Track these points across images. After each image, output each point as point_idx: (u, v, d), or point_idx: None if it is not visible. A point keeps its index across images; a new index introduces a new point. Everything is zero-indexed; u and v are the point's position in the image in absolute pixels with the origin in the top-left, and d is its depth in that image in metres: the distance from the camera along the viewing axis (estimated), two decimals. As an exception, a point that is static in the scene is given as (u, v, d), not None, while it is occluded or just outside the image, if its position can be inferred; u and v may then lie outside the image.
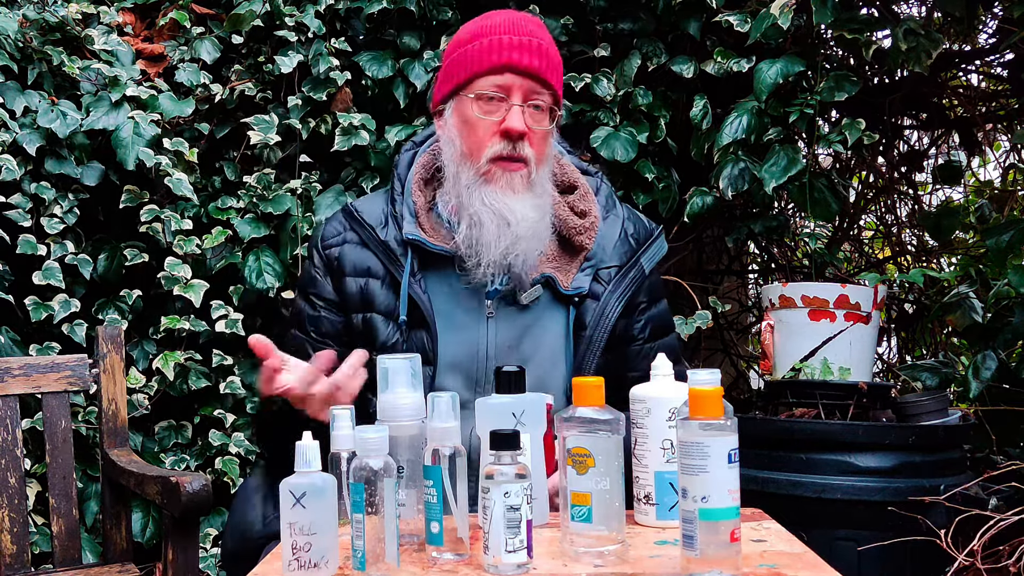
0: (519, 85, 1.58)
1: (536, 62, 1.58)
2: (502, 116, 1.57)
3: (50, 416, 2.13)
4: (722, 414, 1.08)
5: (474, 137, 1.59)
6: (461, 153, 1.61)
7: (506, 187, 1.57)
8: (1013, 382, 2.45)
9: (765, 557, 1.16)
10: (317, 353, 1.43)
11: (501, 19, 1.63)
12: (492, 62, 1.58)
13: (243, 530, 1.58)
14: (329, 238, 1.70)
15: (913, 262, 3.44)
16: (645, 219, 1.77)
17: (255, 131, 2.56)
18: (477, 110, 1.59)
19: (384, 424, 1.20)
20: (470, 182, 1.59)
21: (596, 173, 1.77)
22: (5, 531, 2.04)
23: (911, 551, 2.01)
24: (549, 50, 1.62)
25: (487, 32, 1.61)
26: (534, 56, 1.58)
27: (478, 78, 1.59)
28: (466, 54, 1.62)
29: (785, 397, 2.33)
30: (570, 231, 1.64)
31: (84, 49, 2.54)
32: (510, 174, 1.57)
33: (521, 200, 1.57)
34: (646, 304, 1.71)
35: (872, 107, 2.98)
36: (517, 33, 1.59)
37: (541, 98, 1.60)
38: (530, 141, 1.58)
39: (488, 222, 1.56)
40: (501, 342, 1.60)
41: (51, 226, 2.42)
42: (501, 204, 1.56)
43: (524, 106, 1.58)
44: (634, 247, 1.69)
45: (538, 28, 1.64)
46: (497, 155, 1.58)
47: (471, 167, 1.59)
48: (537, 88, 1.59)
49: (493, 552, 1.10)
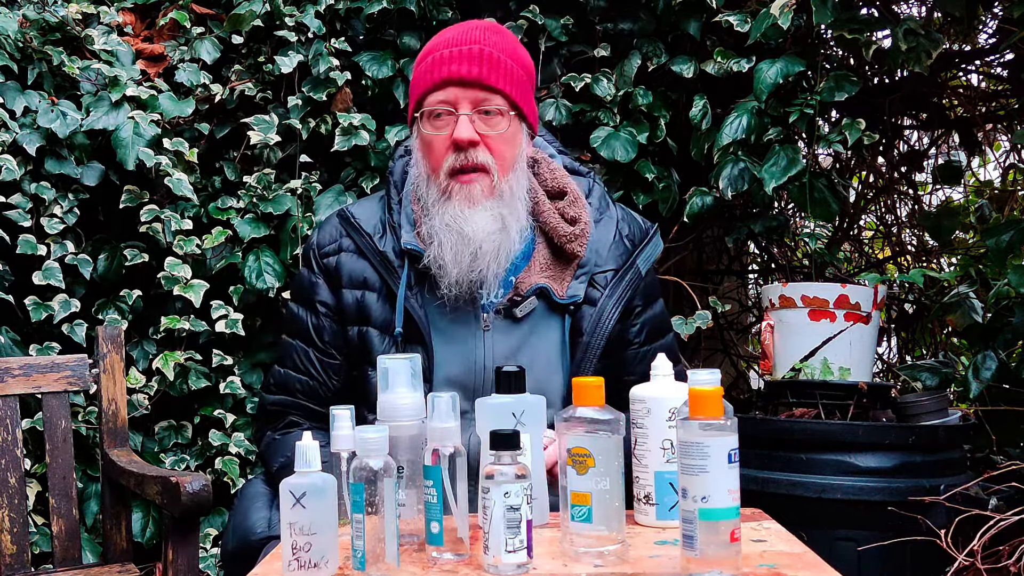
0: (463, 95, 1.57)
1: (476, 69, 1.56)
2: (451, 129, 1.57)
3: (50, 416, 2.13)
4: (722, 414, 1.08)
5: (432, 155, 1.60)
6: (425, 174, 1.62)
7: (464, 200, 1.57)
8: (1013, 382, 2.45)
9: (765, 557, 1.16)
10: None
11: (450, 34, 1.62)
12: (434, 79, 1.58)
13: (244, 532, 1.58)
14: (325, 245, 1.69)
15: (913, 262, 3.44)
16: (640, 218, 1.75)
17: (255, 131, 2.56)
18: (429, 128, 1.60)
19: (384, 424, 1.20)
20: (435, 200, 1.60)
21: (588, 173, 1.75)
22: (5, 531, 2.04)
23: (911, 551, 2.01)
24: (493, 53, 1.59)
25: (432, 50, 1.61)
26: (473, 64, 1.57)
27: (425, 97, 1.60)
28: (415, 76, 1.64)
29: (785, 397, 2.33)
30: (561, 239, 1.63)
31: (84, 49, 2.54)
32: (468, 186, 1.57)
33: (480, 211, 1.56)
34: (641, 307, 1.70)
35: (872, 107, 2.98)
36: (459, 44, 1.58)
37: (491, 103, 1.58)
38: (488, 147, 1.57)
39: (446, 240, 1.56)
40: (498, 355, 1.59)
41: (51, 226, 2.42)
42: (460, 220, 1.56)
43: (472, 114, 1.57)
44: (629, 248, 1.68)
45: (488, 34, 1.62)
46: (452, 168, 1.58)
47: (435, 186, 1.60)
48: (483, 95, 1.57)
49: (493, 552, 1.10)
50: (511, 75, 1.60)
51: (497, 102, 1.58)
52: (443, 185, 1.58)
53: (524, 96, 1.63)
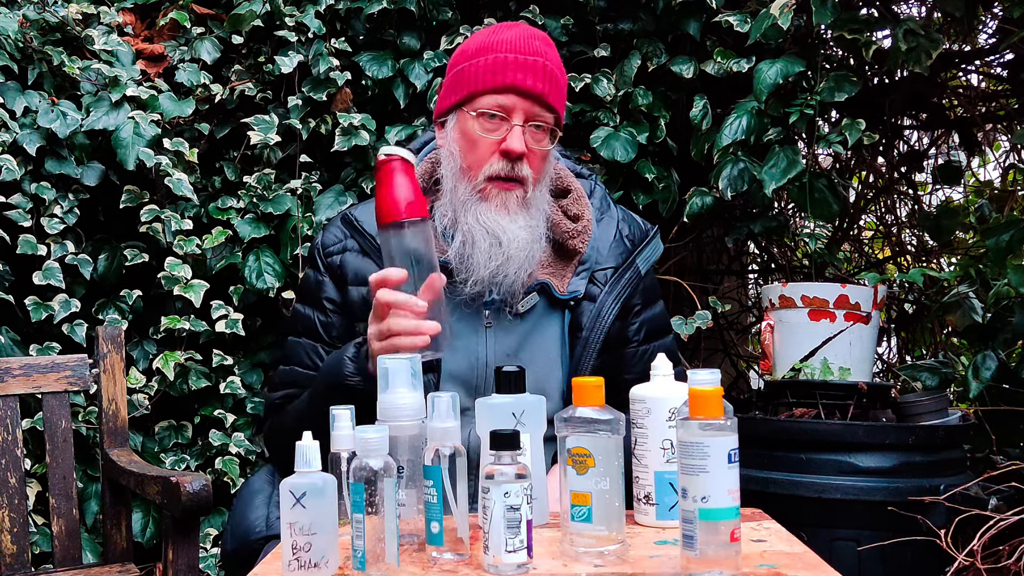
0: (521, 106, 1.57)
1: (540, 85, 1.57)
2: (503, 135, 1.57)
3: (50, 416, 2.13)
4: (722, 414, 1.08)
5: (473, 154, 1.59)
6: (460, 168, 1.61)
7: (501, 207, 1.57)
8: (1013, 382, 2.44)
9: (765, 557, 1.16)
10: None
11: (510, 35, 1.61)
12: (496, 82, 1.57)
13: (244, 530, 1.59)
14: (330, 245, 1.70)
15: (913, 262, 3.44)
16: (640, 220, 1.77)
17: (255, 131, 2.56)
18: (478, 127, 1.59)
19: (384, 424, 1.20)
20: (467, 198, 1.59)
21: (590, 175, 1.77)
22: (5, 531, 2.04)
23: (911, 551, 2.01)
24: (555, 71, 1.60)
25: (493, 48, 1.60)
26: (538, 79, 1.57)
27: (481, 95, 1.59)
28: (470, 69, 1.61)
29: (785, 397, 2.33)
30: (564, 235, 1.64)
31: (84, 49, 2.54)
32: (506, 193, 1.58)
33: (515, 220, 1.57)
34: (641, 307, 1.71)
35: (872, 107, 2.97)
36: (523, 52, 1.58)
37: (543, 119, 1.59)
38: (529, 161, 1.58)
39: (481, 240, 1.56)
40: (500, 351, 1.60)
41: (51, 226, 2.42)
42: (495, 223, 1.56)
43: (525, 126, 1.57)
44: (629, 248, 1.69)
45: (545, 47, 1.62)
46: (495, 174, 1.58)
47: (468, 183, 1.59)
48: (539, 110, 1.58)
49: (493, 552, 1.10)
50: (563, 94, 1.64)
51: (549, 119, 1.60)
52: (480, 186, 1.59)
53: (564, 113, 1.67)
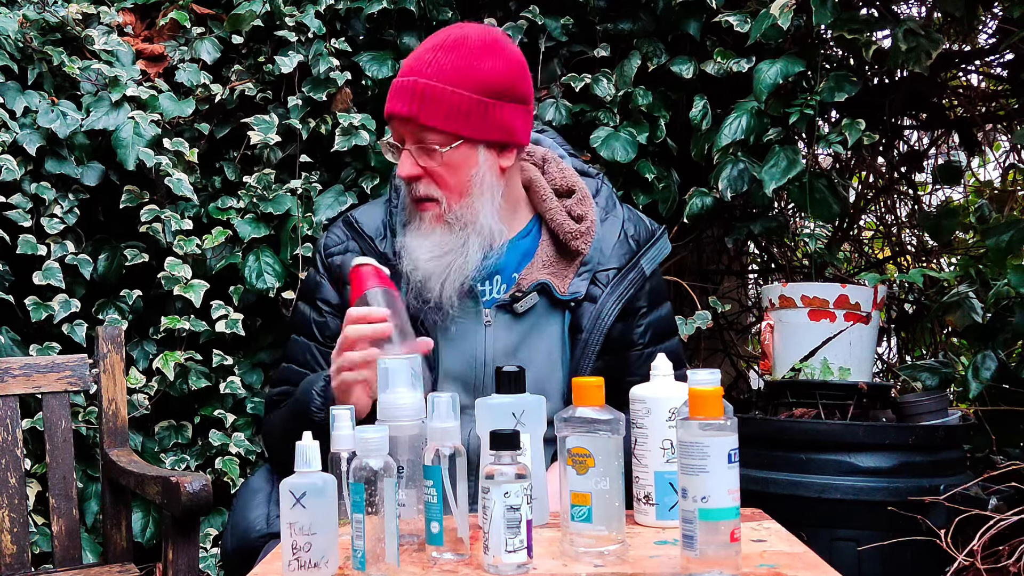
0: (404, 130, 1.58)
1: (407, 107, 1.54)
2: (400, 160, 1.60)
3: (50, 416, 2.13)
4: (722, 414, 1.08)
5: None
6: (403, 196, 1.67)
7: (415, 228, 1.61)
8: (1013, 382, 2.45)
9: (765, 557, 1.17)
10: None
11: (418, 51, 1.60)
12: (386, 111, 1.59)
13: (244, 529, 1.59)
14: (332, 246, 1.72)
15: (913, 262, 3.44)
16: (647, 220, 1.76)
17: (255, 131, 2.56)
18: (391, 157, 1.64)
19: (384, 424, 1.20)
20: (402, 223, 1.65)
21: (596, 175, 1.77)
22: (5, 531, 2.04)
23: (911, 551, 2.01)
24: (430, 86, 1.52)
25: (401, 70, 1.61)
26: (406, 101, 1.54)
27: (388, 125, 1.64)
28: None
29: (785, 397, 2.33)
30: (566, 236, 1.64)
31: (84, 49, 2.54)
32: (422, 214, 1.61)
33: (426, 240, 1.59)
34: (647, 309, 1.70)
35: (872, 107, 2.98)
36: (404, 74, 1.57)
37: (427, 140, 1.55)
38: (435, 180, 1.58)
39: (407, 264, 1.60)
40: (499, 349, 1.60)
41: (51, 226, 2.42)
42: (409, 248, 1.60)
43: (415, 148, 1.57)
44: (634, 248, 1.68)
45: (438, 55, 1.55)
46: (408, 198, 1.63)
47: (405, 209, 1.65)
48: (418, 132, 1.55)
49: (493, 552, 1.10)
50: (451, 106, 1.53)
51: (433, 139, 1.55)
52: (408, 210, 1.63)
53: (474, 120, 1.55)
